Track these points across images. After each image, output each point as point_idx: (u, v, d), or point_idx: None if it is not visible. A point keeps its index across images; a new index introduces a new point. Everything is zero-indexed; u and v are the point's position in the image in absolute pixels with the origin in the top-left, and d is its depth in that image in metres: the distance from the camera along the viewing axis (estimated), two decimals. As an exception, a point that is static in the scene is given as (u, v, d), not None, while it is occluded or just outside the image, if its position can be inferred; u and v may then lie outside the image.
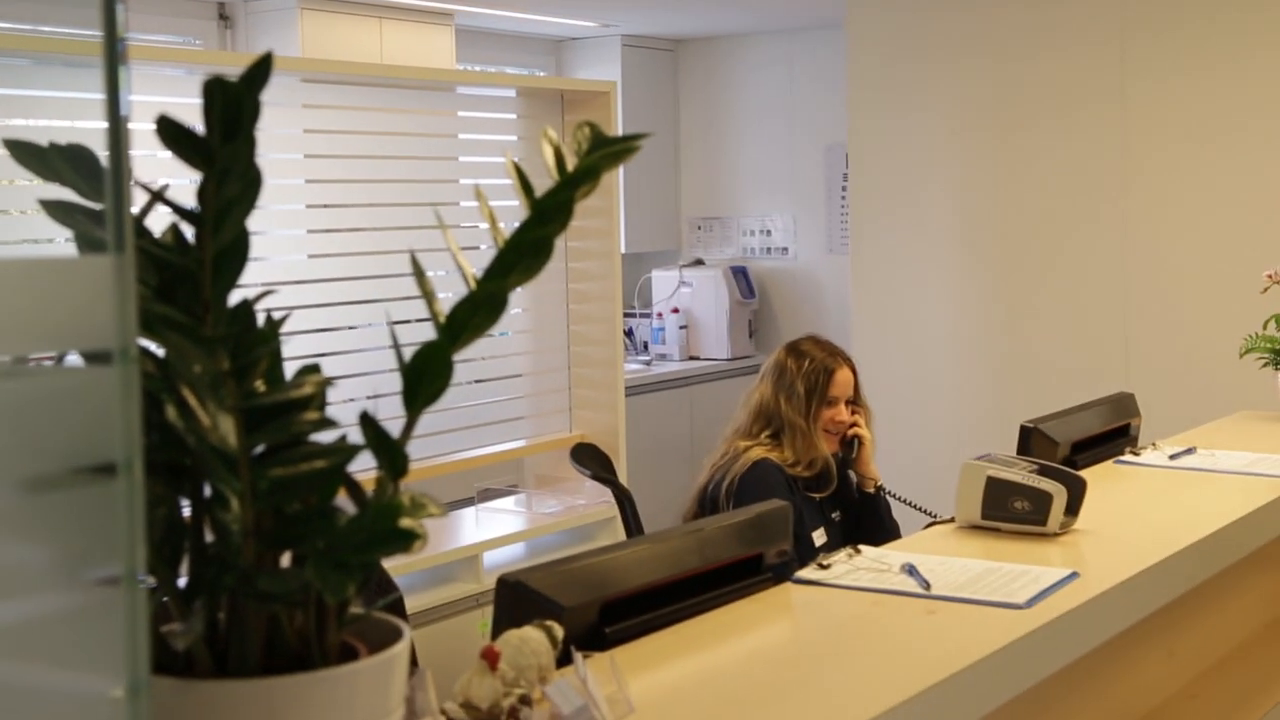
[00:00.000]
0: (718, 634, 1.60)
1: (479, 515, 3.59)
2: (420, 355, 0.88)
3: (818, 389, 2.86)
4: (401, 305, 3.29)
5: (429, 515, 0.86)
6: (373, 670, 0.84)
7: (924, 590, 1.72)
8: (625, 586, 1.58)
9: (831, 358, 2.92)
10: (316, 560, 0.83)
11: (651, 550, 1.67)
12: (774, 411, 2.87)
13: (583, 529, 3.62)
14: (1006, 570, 1.82)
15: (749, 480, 2.80)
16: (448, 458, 3.53)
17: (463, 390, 3.71)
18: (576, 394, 3.86)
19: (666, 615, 1.61)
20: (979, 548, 2.01)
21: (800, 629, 1.70)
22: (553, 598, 1.46)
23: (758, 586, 1.75)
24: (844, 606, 1.70)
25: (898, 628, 1.62)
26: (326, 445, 0.86)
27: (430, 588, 3.19)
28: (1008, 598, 1.69)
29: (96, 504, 0.65)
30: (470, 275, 0.91)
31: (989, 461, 2.13)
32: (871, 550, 1.90)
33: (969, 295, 4.70)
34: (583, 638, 1.46)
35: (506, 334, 3.97)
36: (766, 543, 1.78)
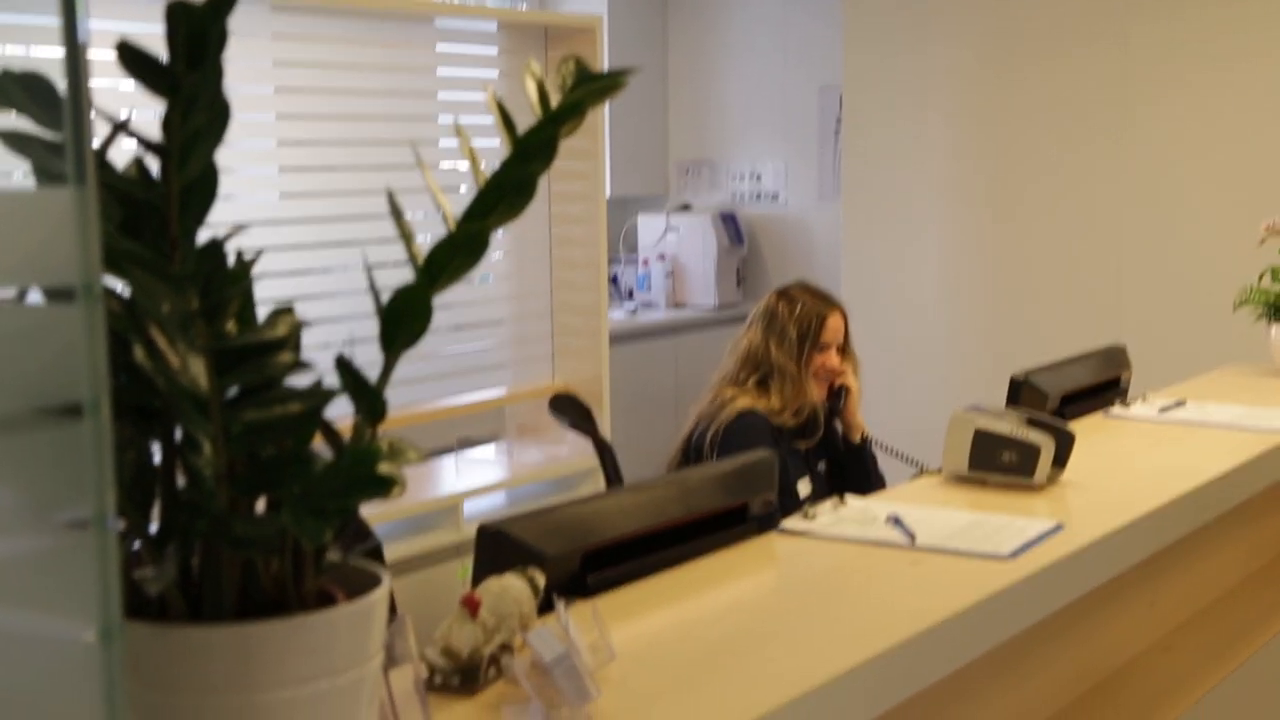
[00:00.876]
0: (701, 583, 1.62)
1: (459, 464, 3.60)
2: (398, 297, 0.87)
3: (810, 333, 2.87)
4: (378, 248, 3.27)
5: (407, 461, 0.86)
6: (351, 616, 0.85)
7: (909, 541, 1.74)
8: (608, 535, 1.59)
9: (824, 303, 2.92)
10: (292, 506, 0.83)
11: (635, 499, 1.68)
12: (763, 357, 2.87)
13: (565, 479, 3.63)
14: (992, 522, 1.83)
15: (734, 430, 2.81)
16: (427, 406, 3.53)
17: (442, 337, 3.70)
18: (559, 341, 3.85)
19: (649, 564, 1.62)
20: (965, 499, 2.03)
21: (784, 579, 1.71)
22: (535, 546, 1.47)
23: (742, 536, 1.76)
24: (828, 557, 1.72)
25: (881, 578, 1.63)
26: (301, 389, 0.86)
27: (409, 537, 3.20)
28: (992, 549, 1.70)
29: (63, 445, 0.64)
30: (450, 215, 0.90)
31: (977, 413, 2.14)
32: (857, 501, 1.92)
33: (963, 244, 4.70)
34: (565, 586, 1.47)
35: (487, 279, 3.96)
36: (751, 493, 1.79)
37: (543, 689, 1.19)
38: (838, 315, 2.92)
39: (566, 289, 3.83)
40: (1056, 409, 2.60)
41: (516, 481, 3.52)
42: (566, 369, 3.84)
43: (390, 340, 0.88)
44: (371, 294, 0.89)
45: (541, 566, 1.40)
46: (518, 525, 1.50)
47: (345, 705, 0.84)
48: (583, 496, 1.67)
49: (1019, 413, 2.17)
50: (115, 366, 0.80)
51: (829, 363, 2.89)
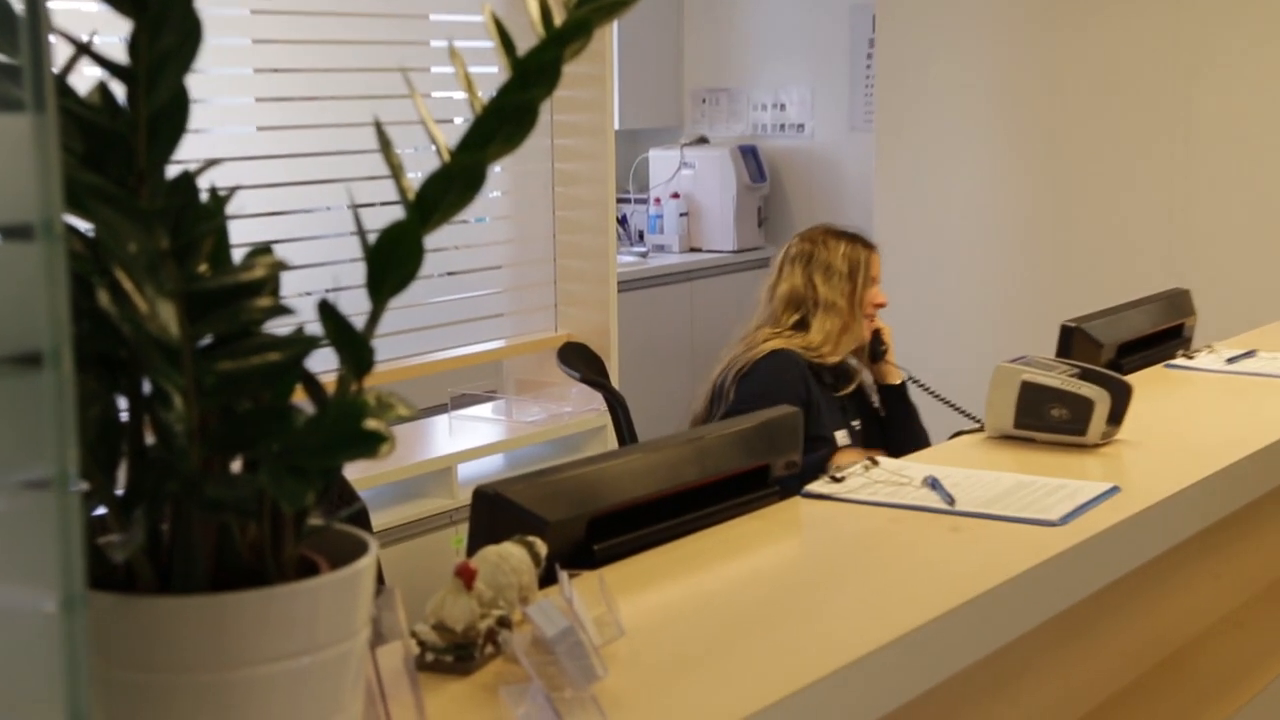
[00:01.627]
0: (718, 552, 1.62)
1: (453, 423, 3.61)
2: (387, 236, 0.87)
3: (861, 268, 2.94)
4: (365, 185, 3.26)
5: (397, 417, 0.86)
6: (334, 587, 0.85)
7: (948, 505, 1.74)
8: (616, 500, 1.59)
9: (864, 243, 3.01)
10: (271, 465, 0.83)
11: (645, 461, 1.68)
12: (806, 295, 2.92)
13: (568, 439, 3.64)
14: (1040, 484, 1.84)
15: (761, 369, 2.85)
16: (417, 359, 3.54)
17: (434, 283, 3.70)
18: (563, 289, 3.85)
19: (661, 532, 1.63)
20: (1010, 459, 2.03)
21: (809, 547, 1.72)
22: (535, 512, 1.48)
23: (763, 501, 1.77)
24: (858, 523, 1.72)
25: (917, 546, 1.64)
26: (281, 336, 0.86)
27: (398, 503, 3.22)
28: (1040, 514, 1.71)
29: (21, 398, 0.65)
30: (444, 147, 0.90)
31: (1024, 365, 2.14)
32: (890, 461, 1.92)
33: (1008, 179, 4.67)
34: (568, 556, 1.48)
35: (484, 220, 3.95)
36: (774, 453, 1.80)
37: (544, 668, 1.20)
38: (877, 254, 3.01)
39: (570, 231, 3.83)
40: (1112, 360, 2.60)
41: (515, 442, 3.54)
42: (570, 319, 3.85)
43: (378, 285, 0.88)
44: (358, 234, 0.89)
45: (543, 534, 1.40)
46: (517, 489, 1.50)
47: (328, 684, 0.85)
48: (588, 457, 1.67)
49: (1070, 364, 2.16)
50: (77, 312, 0.80)
51: (878, 299, 2.98)
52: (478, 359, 3.77)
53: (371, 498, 3.07)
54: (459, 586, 1.28)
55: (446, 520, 3.26)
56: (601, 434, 3.67)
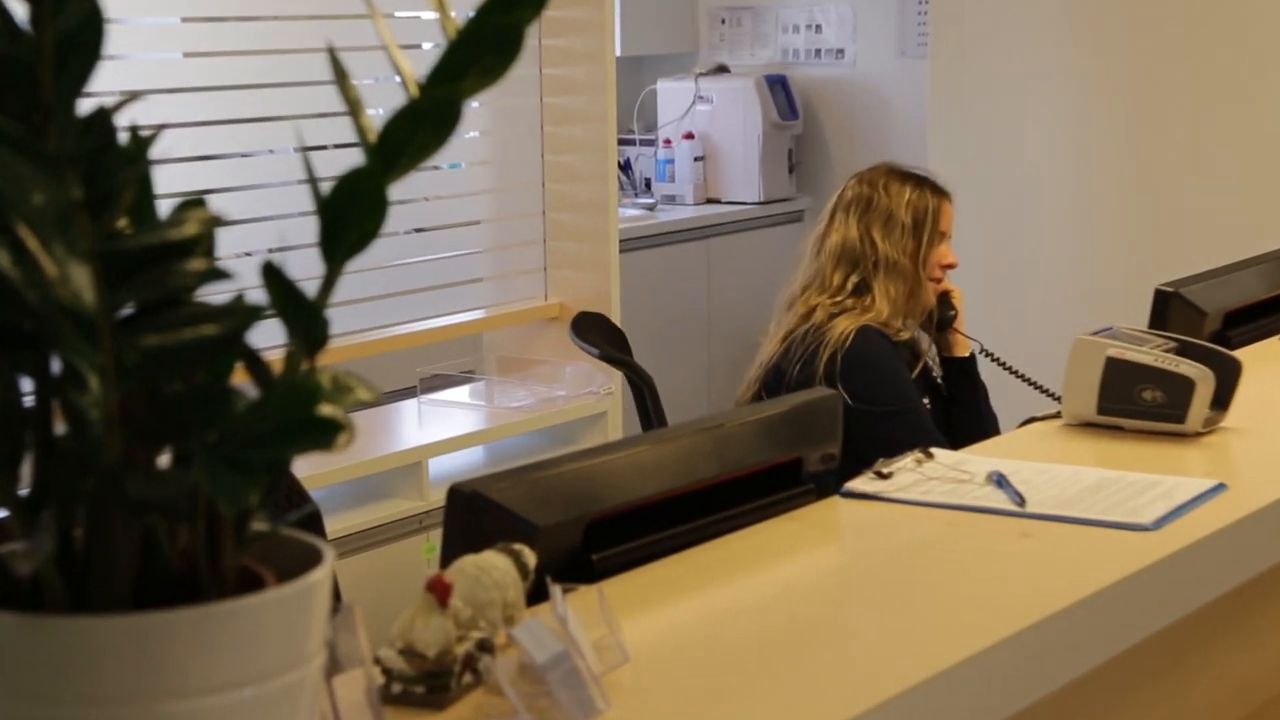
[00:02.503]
0: (740, 563, 1.63)
1: (423, 409, 3.62)
2: (343, 187, 0.87)
3: (928, 219, 2.92)
4: (316, 124, 3.26)
5: (357, 401, 0.86)
6: (282, 604, 0.86)
7: (1017, 506, 1.75)
8: (618, 500, 1.60)
9: (935, 189, 2.98)
10: (206, 458, 0.83)
11: (653, 454, 1.69)
12: (863, 253, 2.90)
13: (562, 428, 3.65)
14: (1129, 481, 1.84)
15: (860, 359, 2.80)
16: (380, 333, 3.55)
17: (400, 242, 3.70)
18: (553, 248, 3.86)
19: (673, 539, 1.63)
20: (1093, 451, 2.03)
21: (850, 558, 1.72)
22: (523, 515, 1.48)
23: (795, 502, 1.77)
24: (909, 528, 1.73)
25: (980, 555, 1.64)
26: (218, 306, 0.86)
27: (358, 504, 3.23)
28: (1129, 516, 1.71)
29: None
30: (411, 78, 0.90)
31: (1110, 338, 2.14)
32: (947, 454, 1.92)
33: (1091, 115, 4.66)
34: (562, 567, 1.48)
35: (459, 166, 3.94)
36: (808, 443, 1.80)
37: (533, 700, 1.21)
38: (950, 204, 2.99)
39: (563, 179, 3.82)
40: (1217, 332, 2.59)
41: (498, 432, 3.54)
42: (563, 285, 3.85)
43: (333, 244, 0.88)
44: (308, 183, 0.89)
45: (531, 541, 1.41)
46: (500, 487, 1.51)
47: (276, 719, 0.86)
48: (586, 450, 1.68)
49: (1167, 337, 2.16)
50: (-30, 277, 0.80)
51: (947, 259, 2.96)
52: (452, 332, 3.77)
53: (326, 498, 3.08)
54: (431, 604, 1.28)
55: (416, 525, 3.26)
56: (601, 422, 3.68)
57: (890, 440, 2.45)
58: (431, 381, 3.72)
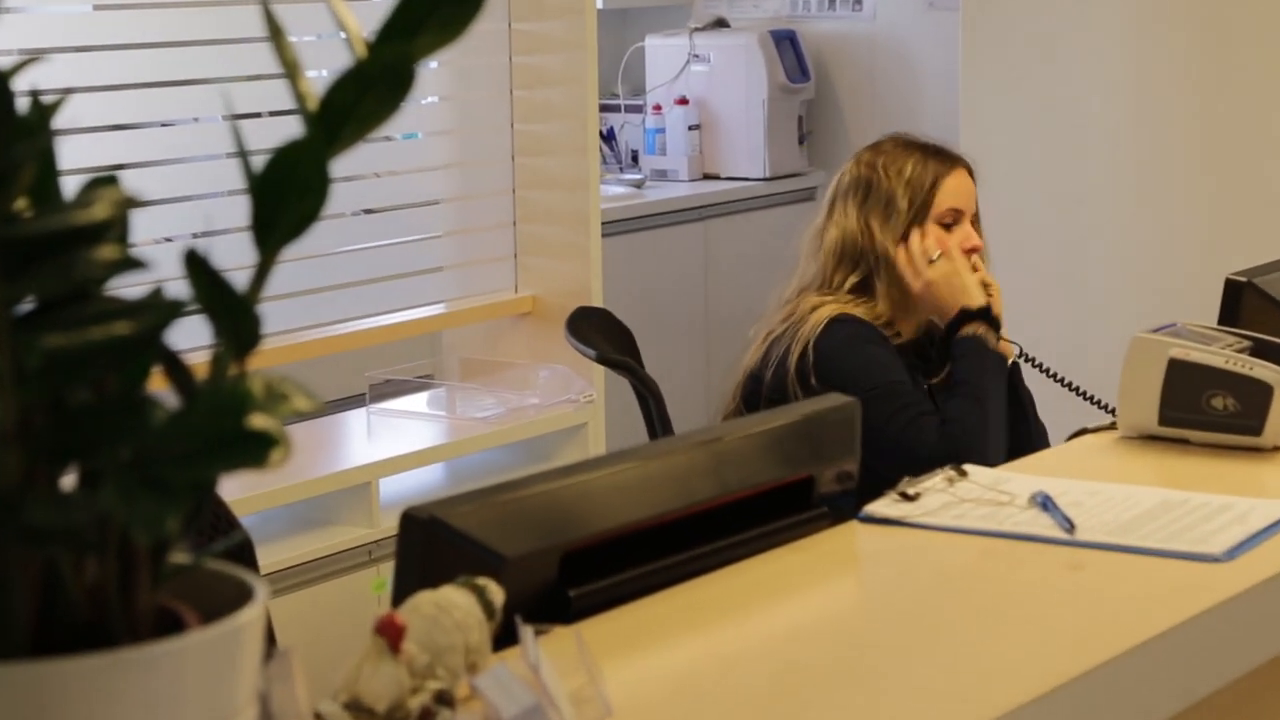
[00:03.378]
0: (743, 600, 1.63)
1: (372, 421, 3.62)
2: (279, 161, 0.88)
3: (922, 192, 2.87)
4: (247, 89, 3.26)
5: (294, 411, 0.86)
6: (206, 649, 0.85)
7: (1065, 533, 1.75)
8: (601, 527, 1.60)
9: (940, 158, 2.92)
10: (118, 478, 0.83)
11: (641, 473, 1.69)
12: (864, 246, 2.87)
13: (535, 443, 3.65)
14: (1196, 504, 1.84)
15: (832, 347, 2.79)
16: (322, 331, 3.54)
17: (346, 226, 3.70)
18: (525, 232, 3.85)
19: (664, 572, 1.63)
20: (1154, 469, 2.04)
21: (871, 593, 1.72)
22: (488, 544, 1.48)
23: (805, 527, 1.77)
24: (938, 558, 1.73)
25: (1023, 591, 1.64)
26: (132, 300, 0.86)
27: (296, 532, 3.23)
28: (1197, 545, 1.71)
29: None
30: (357, 35, 0.90)
31: (1173, 336, 2.14)
32: (983, 472, 1.93)
33: (1152, 80, 4.67)
34: (535, 605, 1.48)
35: (415, 137, 3.94)
36: (821, 460, 1.80)
37: (503, 759, 1.20)
38: (963, 174, 2.93)
39: (536, 151, 3.82)
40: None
41: (460, 446, 3.54)
42: (537, 274, 3.85)
43: (266, 228, 0.89)
44: (238, 157, 0.89)
45: (498, 575, 1.41)
46: (462, 512, 1.51)
47: (201, 783, 0.86)
48: (563, 468, 1.68)
49: (1240, 335, 2.16)
50: None
51: (966, 243, 2.89)
52: (407, 330, 3.76)
53: (258, 525, 3.07)
54: (382, 649, 1.28)
55: (364, 557, 3.26)
56: (581, 435, 3.68)
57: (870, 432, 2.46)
58: (383, 388, 3.71)
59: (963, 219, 2.91)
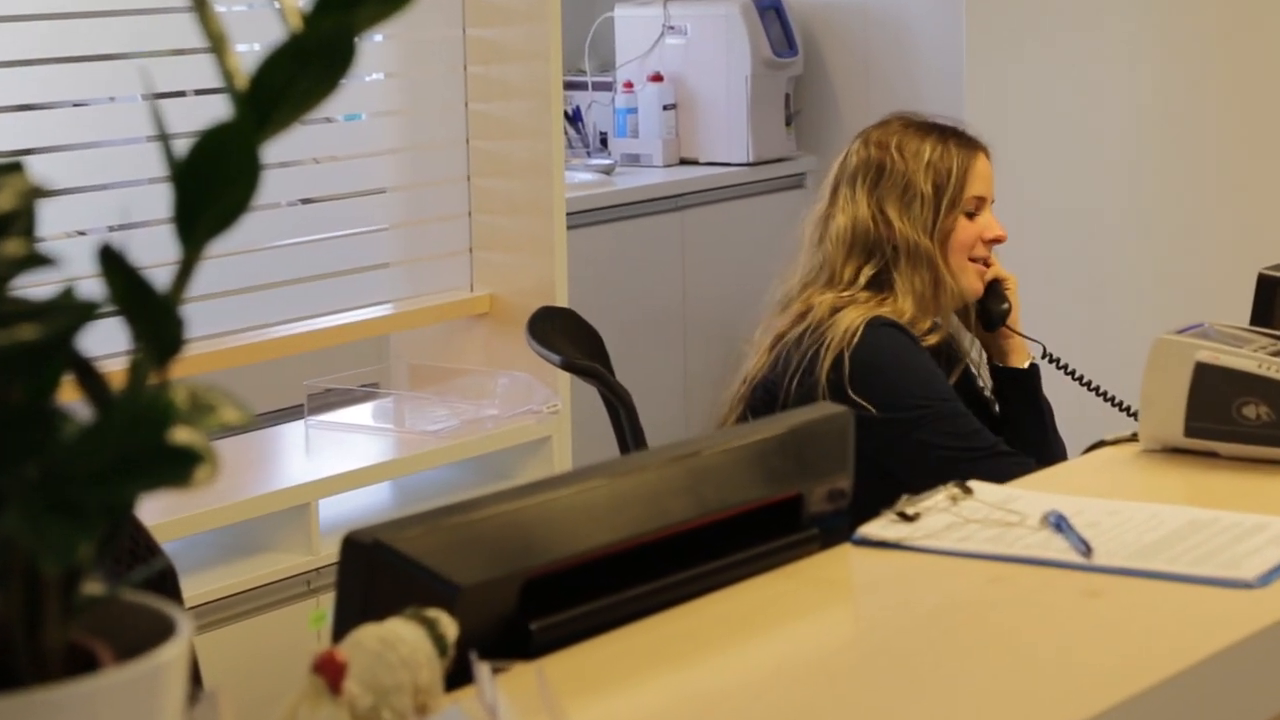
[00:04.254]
0: (724, 633, 1.63)
1: (311, 435, 3.62)
2: (205, 145, 0.88)
3: (952, 181, 2.88)
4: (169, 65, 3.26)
5: (222, 425, 0.86)
6: (123, 690, 0.85)
7: (1081, 557, 1.75)
8: (565, 552, 1.60)
9: (961, 141, 2.93)
10: (24, 500, 0.83)
11: (611, 491, 1.69)
12: (878, 236, 2.87)
13: (493, 459, 3.65)
14: (1227, 524, 1.84)
15: (874, 358, 2.77)
16: (255, 335, 3.54)
17: (281, 218, 3.69)
18: (481, 224, 3.85)
19: (635, 602, 1.63)
20: (1180, 484, 2.04)
21: (866, 624, 1.73)
22: (439, 571, 1.48)
23: (794, 552, 1.77)
24: (942, 585, 1.73)
25: (1034, 621, 1.65)
26: (40, 301, 0.86)
27: (225, 560, 3.22)
28: (1228, 570, 1.72)
29: None
30: (292, 5, 0.90)
31: (1201, 337, 2.15)
32: (990, 489, 1.93)
33: (1177, 59, 4.68)
34: (492, 638, 1.48)
35: (358, 118, 3.94)
36: (810, 476, 1.80)
37: (457, 811, 1.20)
38: (985, 158, 2.95)
39: (493, 134, 3.82)
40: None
41: (410, 463, 3.54)
42: (495, 271, 3.85)
43: (191, 220, 0.89)
44: (159, 141, 0.89)
45: (451, 606, 1.41)
46: (411, 536, 1.51)
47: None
48: (523, 487, 1.68)
49: (1274, 336, 2.17)
50: None
51: (989, 232, 2.92)
52: (350, 334, 3.76)
53: (182, 552, 3.07)
54: (320, 689, 1.28)
55: (302, 586, 3.26)
56: (544, 449, 3.68)
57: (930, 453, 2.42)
58: (322, 398, 3.71)
59: (985, 207, 2.94)
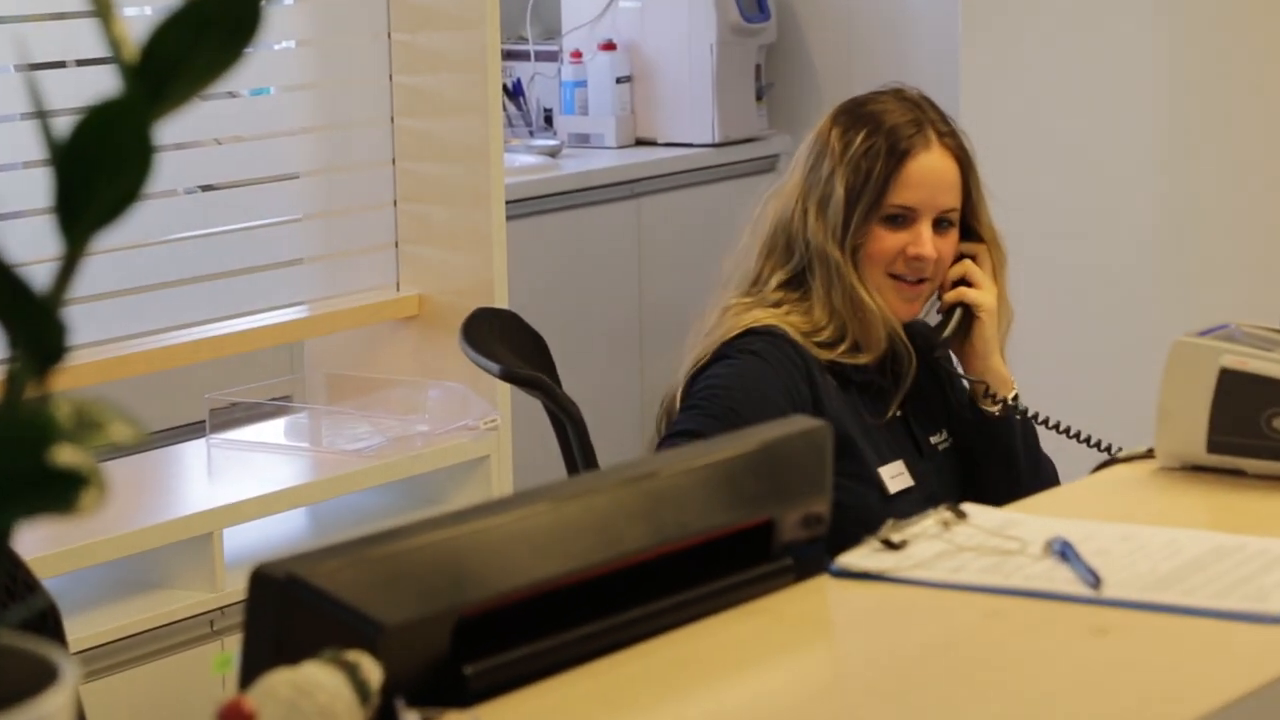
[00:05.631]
0: (685, 677, 1.63)
1: (214, 455, 3.61)
2: (89, 125, 0.88)
3: (869, 189, 2.78)
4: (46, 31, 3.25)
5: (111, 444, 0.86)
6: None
7: (1089, 589, 1.76)
8: (504, 587, 1.60)
9: (914, 125, 2.83)
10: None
11: (556, 517, 1.69)
12: (794, 234, 2.81)
13: (423, 482, 3.65)
14: (1254, 551, 1.85)
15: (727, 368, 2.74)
16: (150, 342, 3.53)
17: (179, 207, 3.69)
18: (408, 214, 3.85)
19: (584, 642, 1.64)
20: (1201, 507, 2.06)
21: (846, 665, 1.73)
22: (362, 609, 1.48)
23: (765, 584, 1.78)
24: (931, 621, 1.74)
25: (1036, 661, 1.65)
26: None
27: (117, 598, 3.21)
28: (1254, 603, 1.72)
29: None
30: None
31: (1225, 339, 2.16)
32: (986, 514, 1.94)
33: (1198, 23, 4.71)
34: (422, 684, 1.49)
35: (266, 93, 3.93)
36: (783, 498, 1.81)
37: None
38: (936, 150, 2.81)
39: (421, 112, 3.82)
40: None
41: (327, 487, 3.54)
42: (424, 267, 3.84)
43: (74, 211, 0.89)
44: (36, 120, 0.89)
45: (374, 647, 1.41)
46: (329, 570, 1.51)
47: None
48: (457, 513, 1.68)
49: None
50: None
51: (912, 248, 2.79)
52: (259, 340, 3.75)
53: (67, 588, 3.06)
54: (226, 742, 1.28)
55: (204, 628, 3.25)
56: (482, 469, 3.67)
57: None
58: (228, 413, 3.70)
59: (921, 219, 2.81)
